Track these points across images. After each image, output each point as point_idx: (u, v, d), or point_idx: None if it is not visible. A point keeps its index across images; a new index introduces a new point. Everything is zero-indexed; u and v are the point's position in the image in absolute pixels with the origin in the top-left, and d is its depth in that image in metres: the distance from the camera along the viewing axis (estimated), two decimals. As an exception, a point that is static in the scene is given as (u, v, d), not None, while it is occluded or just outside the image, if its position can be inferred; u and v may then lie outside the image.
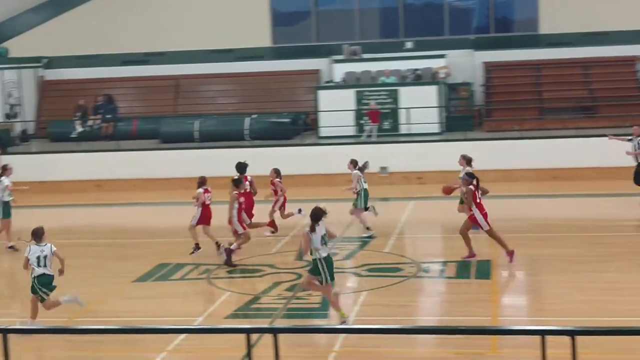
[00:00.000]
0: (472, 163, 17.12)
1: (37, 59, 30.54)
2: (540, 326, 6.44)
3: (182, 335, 11.05)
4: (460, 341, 10.41)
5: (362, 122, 26.10)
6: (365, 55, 28.45)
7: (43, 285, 11.73)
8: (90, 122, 28.12)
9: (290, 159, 24.61)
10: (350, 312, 12.41)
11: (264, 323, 11.64)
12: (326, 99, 26.58)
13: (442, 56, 27.91)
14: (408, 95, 26.14)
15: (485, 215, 14.65)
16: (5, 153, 26.14)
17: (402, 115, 25.96)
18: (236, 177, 16.00)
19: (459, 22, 30.25)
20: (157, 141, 26.52)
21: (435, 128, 25.93)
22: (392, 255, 15.57)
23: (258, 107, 28.33)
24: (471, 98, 28.18)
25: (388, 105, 26.27)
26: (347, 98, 26.39)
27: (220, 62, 29.70)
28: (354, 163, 17.92)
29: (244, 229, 15.49)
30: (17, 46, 30.63)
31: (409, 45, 29.18)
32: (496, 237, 14.74)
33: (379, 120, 25.78)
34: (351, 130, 26.04)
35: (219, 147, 25.15)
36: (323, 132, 26.23)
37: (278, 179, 17.64)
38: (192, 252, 16.12)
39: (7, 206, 17.39)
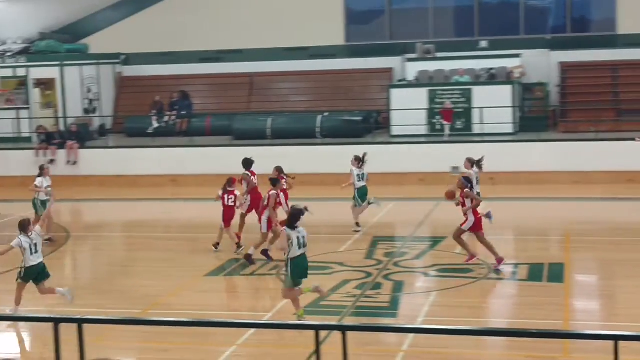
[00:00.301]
0: (482, 166, 17.01)
1: (115, 56, 31.19)
2: (613, 331, 6.34)
3: (252, 330, 11.19)
4: (531, 344, 10.29)
5: (434, 121, 25.96)
6: (439, 54, 28.27)
7: (39, 273, 12.42)
8: (165, 118, 28.60)
9: (362, 157, 24.64)
10: (420, 312, 12.38)
11: (332, 320, 11.69)
12: (399, 97, 26.51)
13: (517, 56, 27.57)
14: (482, 95, 25.90)
15: (479, 220, 14.55)
16: (83, 147, 26.79)
17: (476, 115, 25.74)
18: (273, 176, 15.97)
19: (535, 22, 29.82)
20: (230, 138, 26.82)
21: (508, 128, 25.63)
22: (463, 256, 15.45)
23: (330, 105, 28.41)
24: (546, 98, 27.76)
25: (461, 105, 26.07)
26: (419, 97, 26.27)
27: (294, 60, 29.88)
28: (358, 160, 18.20)
29: (268, 229, 15.38)
30: (96, 43, 31.34)
31: (483, 44, 28.90)
32: (486, 244, 14.63)
33: (452, 119, 25.61)
34: (423, 130, 25.92)
35: (290, 144, 25.32)
36: (395, 130, 26.17)
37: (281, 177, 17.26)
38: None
39: (44, 204, 17.86)
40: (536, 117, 27.04)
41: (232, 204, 16.37)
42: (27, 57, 29.04)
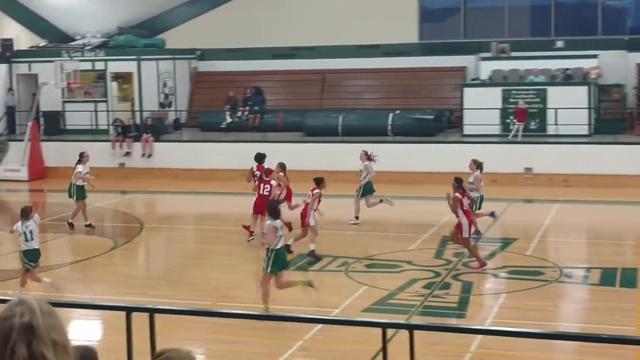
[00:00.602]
0: (483, 167, 17.34)
1: (191, 51, 31.64)
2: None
3: (319, 325, 11.25)
4: (602, 350, 10.12)
5: (507, 121, 25.66)
6: (514, 54, 27.92)
7: (29, 259, 13.03)
8: (239, 113, 28.90)
9: (433, 156, 24.52)
10: (488, 313, 12.29)
11: (399, 319, 11.68)
12: (472, 96, 26.28)
13: (594, 56, 27.04)
14: (557, 95, 25.49)
15: (470, 223, 14.62)
16: (158, 140, 27.25)
17: (550, 116, 25.35)
18: (318, 177, 16.35)
19: (613, 22, 29.20)
20: (301, 134, 26.96)
21: (584, 130, 25.17)
22: (534, 259, 15.27)
23: (402, 103, 28.32)
24: (623, 100, 27.17)
25: (535, 105, 25.71)
26: (493, 96, 25.99)
27: (367, 57, 29.86)
28: (367, 154, 18.89)
29: (306, 225, 15.80)
30: (173, 38, 31.84)
31: (559, 44, 28.43)
32: (471, 248, 14.56)
33: (526, 119, 25.27)
34: (496, 129, 25.64)
35: (361, 141, 25.28)
36: (467, 130, 25.95)
37: (282, 173, 17.29)
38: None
39: (80, 190, 18.67)
40: (612, 119, 26.50)
41: (267, 193, 16.62)
42: (106, 51, 29.65)
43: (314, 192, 15.87)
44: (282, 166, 17.23)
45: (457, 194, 14.69)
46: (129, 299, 12.63)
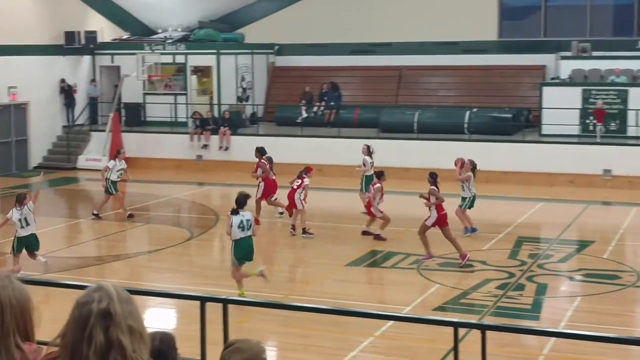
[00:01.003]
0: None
1: (269, 46, 31.89)
2: None
3: (390, 322, 11.26)
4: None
5: (587, 121, 25.17)
6: (595, 53, 27.36)
7: (26, 245, 13.74)
8: (315, 109, 29.01)
9: (510, 155, 24.23)
10: (563, 316, 12.12)
11: (472, 319, 11.61)
12: (551, 95, 25.84)
13: (679, 56, 26.33)
14: (638, 96, 24.90)
15: (444, 216, 15.05)
16: (235, 134, 27.57)
17: (631, 117, 24.78)
18: (379, 170, 17.52)
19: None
20: (377, 130, 26.91)
21: (666, 132, 24.55)
22: (611, 262, 14.99)
23: (479, 101, 28.03)
24: None
25: (616, 106, 25.16)
26: (573, 96, 25.51)
27: (444, 54, 29.65)
28: (368, 149, 19.77)
29: (382, 212, 16.79)
30: (252, 33, 32.14)
31: (643, 44, 27.75)
32: (451, 239, 15.00)
33: (603, 120, 24.75)
34: (575, 130, 25.19)
35: (437, 139, 25.19)
36: (545, 129, 25.54)
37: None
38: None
39: (114, 184, 19.36)
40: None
41: (296, 187, 17.46)
42: (186, 44, 30.10)
43: (375, 186, 16.79)
44: (268, 160, 19.18)
45: (432, 187, 15.26)
46: (203, 289, 12.84)
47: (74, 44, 28.97)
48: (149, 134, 28.47)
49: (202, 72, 30.56)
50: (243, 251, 12.74)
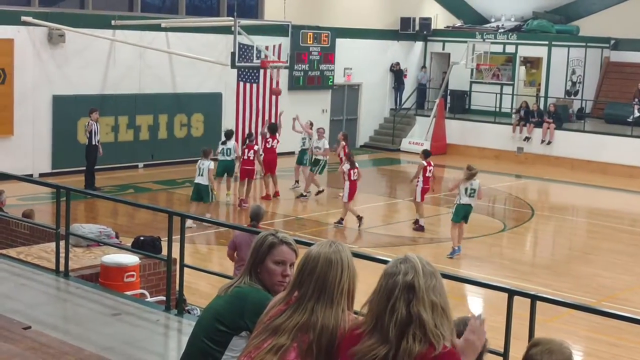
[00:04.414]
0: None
1: (605, 40, 30.55)
2: None
3: None
4: None
5: None
6: None
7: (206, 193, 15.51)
8: (648, 108, 27.39)
9: None
10: None
11: None
12: None
13: None
14: None
15: (425, 190, 16.38)
16: (559, 128, 26.84)
17: None
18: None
19: None
20: None
21: None
22: None
23: None
24: None
25: None
26: None
27: None
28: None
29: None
30: (587, 25, 30.97)
31: None
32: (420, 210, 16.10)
33: None
34: None
35: None
36: None
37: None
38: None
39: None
40: None
41: (355, 178, 17.00)
42: (518, 35, 29.74)
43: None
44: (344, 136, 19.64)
45: (423, 162, 16.19)
46: (510, 282, 12.72)
47: (409, 30, 29.80)
48: (472, 122, 28.59)
49: (532, 63, 30.08)
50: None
